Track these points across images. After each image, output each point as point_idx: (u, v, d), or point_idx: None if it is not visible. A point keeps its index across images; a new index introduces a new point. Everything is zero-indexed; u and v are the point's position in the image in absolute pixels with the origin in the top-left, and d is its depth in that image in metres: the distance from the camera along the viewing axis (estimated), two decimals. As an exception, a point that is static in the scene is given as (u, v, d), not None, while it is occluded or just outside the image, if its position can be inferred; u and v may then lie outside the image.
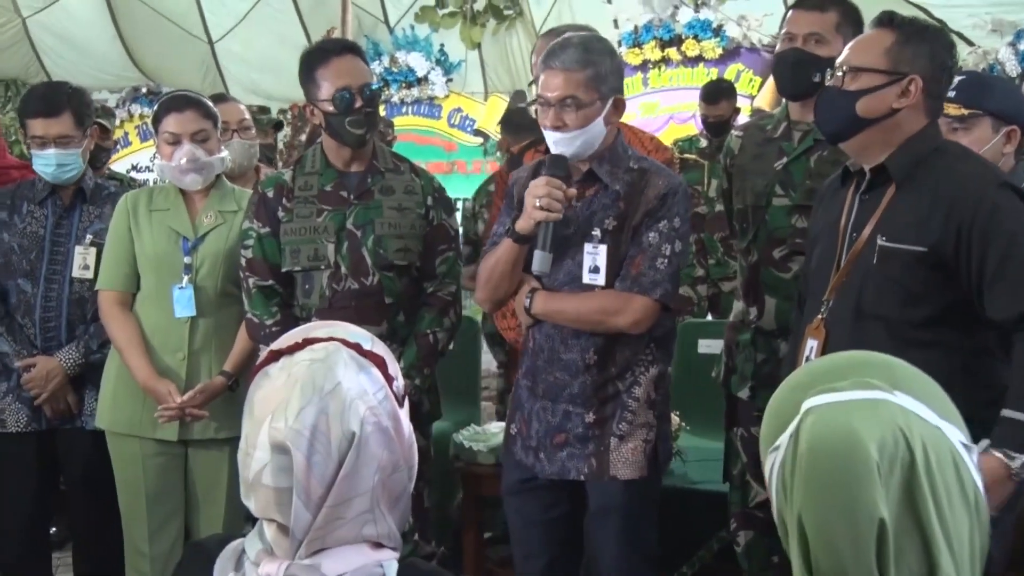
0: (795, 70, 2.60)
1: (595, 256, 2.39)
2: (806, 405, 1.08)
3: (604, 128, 2.39)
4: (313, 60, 2.72)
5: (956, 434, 1.08)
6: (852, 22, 2.59)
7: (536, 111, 2.55)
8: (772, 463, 1.12)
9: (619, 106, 2.41)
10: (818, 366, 1.16)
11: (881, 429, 1.04)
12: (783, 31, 2.66)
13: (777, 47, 2.73)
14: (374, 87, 2.73)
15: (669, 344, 2.53)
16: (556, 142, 2.38)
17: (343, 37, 6.28)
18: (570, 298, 2.42)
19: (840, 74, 2.12)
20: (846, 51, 2.15)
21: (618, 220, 2.40)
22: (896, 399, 1.07)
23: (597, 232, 2.40)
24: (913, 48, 2.07)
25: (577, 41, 2.37)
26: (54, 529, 3.79)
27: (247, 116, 3.50)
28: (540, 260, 2.38)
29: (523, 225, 2.39)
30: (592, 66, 2.33)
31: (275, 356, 1.24)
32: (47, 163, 3.01)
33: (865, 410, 1.05)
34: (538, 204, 2.34)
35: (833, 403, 1.07)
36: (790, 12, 2.68)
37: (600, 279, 2.39)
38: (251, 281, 2.72)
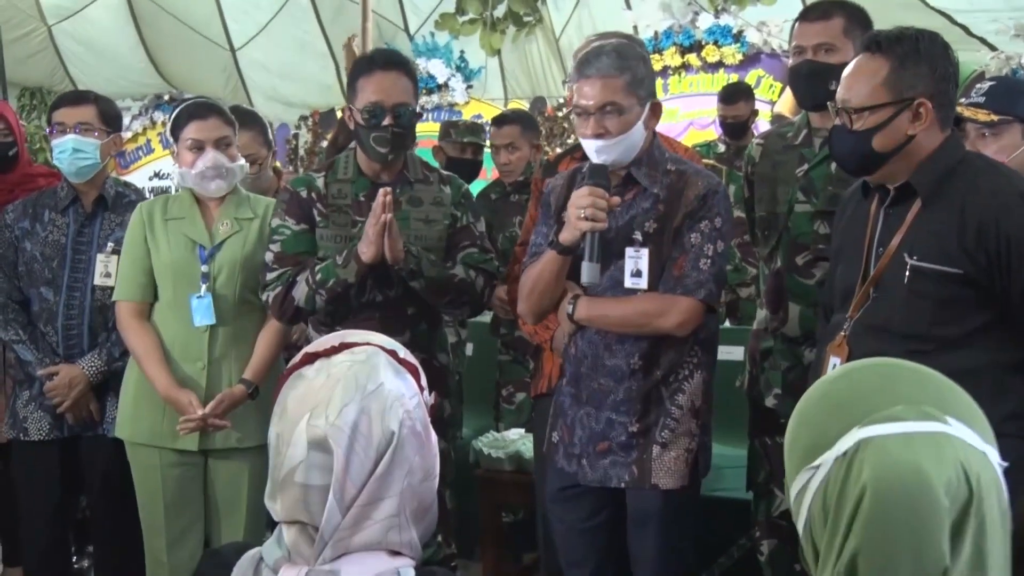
0: (810, 81, 2.62)
1: (637, 260, 2.38)
2: (863, 434, 1.04)
3: (644, 132, 2.40)
4: (360, 67, 2.74)
5: (995, 456, 1.07)
6: (859, 24, 2.58)
7: (574, 120, 2.53)
8: (807, 481, 1.09)
9: (656, 110, 2.41)
10: (861, 381, 1.12)
11: (946, 469, 1.01)
12: (792, 44, 2.68)
13: (789, 61, 2.73)
14: (410, 109, 2.67)
15: (713, 348, 2.51)
16: (598, 150, 2.37)
17: (363, 45, 6.29)
18: (613, 302, 2.41)
19: (846, 114, 2.06)
20: (844, 88, 2.08)
21: (659, 223, 2.39)
22: (952, 430, 1.04)
23: (639, 236, 2.40)
24: (911, 69, 2.01)
25: (611, 48, 2.38)
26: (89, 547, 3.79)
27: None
28: (589, 271, 2.35)
29: (567, 236, 2.37)
30: (629, 71, 2.34)
31: (311, 358, 1.25)
32: (63, 148, 3.02)
33: (930, 447, 1.03)
34: (583, 215, 2.31)
35: (895, 436, 1.03)
36: (796, 25, 2.68)
37: (643, 283, 2.38)
38: (273, 273, 2.68)
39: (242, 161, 2.94)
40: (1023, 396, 2.02)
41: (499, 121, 4.40)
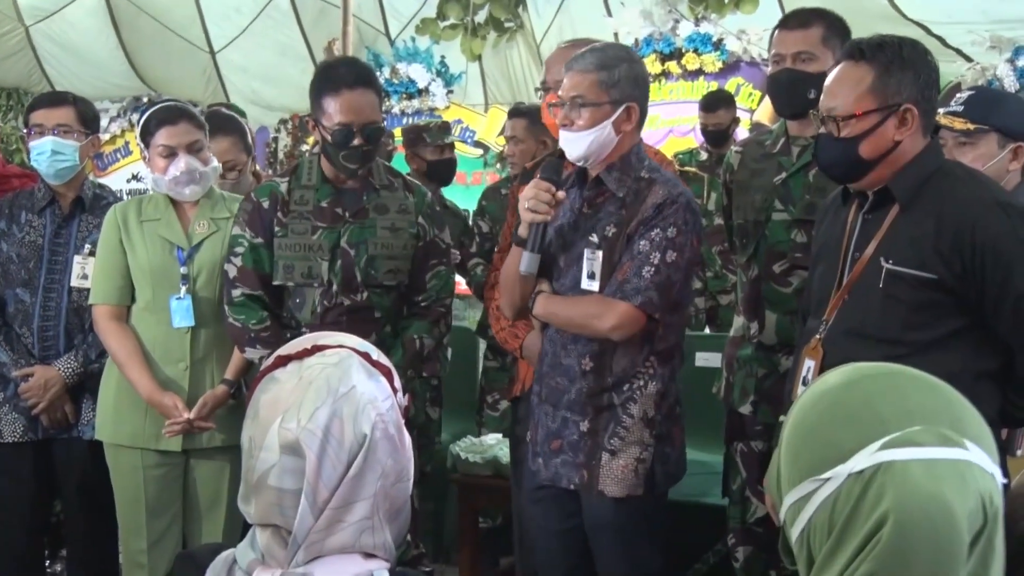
0: (789, 89, 2.63)
1: (593, 262, 2.42)
2: (884, 457, 1.03)
3: (614, 133, 2.40)
4: (325, 83, 2.67)
5: (999, 476, 1.06)
6: (838, 33, 2.60)
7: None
8: (813, 491, 1.07)
9: (631, 114, 2.42)
10: (871, 392, 1.10)
11: (969, 500, 1.01)
12: (772, 52, 2.70)
13: (768, 70, 2.75)
14: (377, 125, 2.67)
15: (672, 360, 2.51)
16: (565, 140, 2.43)
17: (344, 49, 6.29)
18: (563, 301, 2.46)
19: (832, 122, 2.06)
20: (828, 96, 2.08)
21: (618, 227, 2.42)
22: (972, 456, 1.03)
23: (595, 238, 2.43)
24: (897, 76, 2.03)
25: (598, 47, 2.45)
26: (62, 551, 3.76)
27: None
28: (526, 260, 2.43)
29: (523, 230, 2.45)
30: (604, 69, 2.38)
31: (283, 361, 1.25)
32: (42, 150, 2.99)
33: (955, 478, 1.01)
34: (527, 206, 2.40)
35: (917, 463, 1.02)
36: (776, 33, 2.69)
37: (595, 285, 2.41)
38: (238, 291, 2.72)
39: (215, 163, 2.93)
40: (996, 403, 2.04)
41: (512, 113, 4.43)
